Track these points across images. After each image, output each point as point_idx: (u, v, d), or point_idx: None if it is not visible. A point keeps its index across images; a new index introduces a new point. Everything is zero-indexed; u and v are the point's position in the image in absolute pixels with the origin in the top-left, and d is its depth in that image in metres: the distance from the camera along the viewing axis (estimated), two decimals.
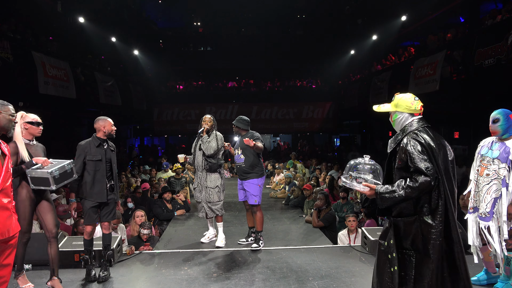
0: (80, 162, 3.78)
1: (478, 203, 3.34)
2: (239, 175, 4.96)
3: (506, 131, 3.24)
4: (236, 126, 4.98)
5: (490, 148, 3.33)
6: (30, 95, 9.26)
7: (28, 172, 3.28)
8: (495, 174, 3.21)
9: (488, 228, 3.24)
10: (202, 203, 5.03)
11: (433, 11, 12.22)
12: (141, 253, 4.65)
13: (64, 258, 4.22)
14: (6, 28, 8.76)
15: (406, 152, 2.38)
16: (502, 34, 7.49)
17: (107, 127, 3.90)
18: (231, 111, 18.43)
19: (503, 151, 3.21)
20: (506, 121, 3.23)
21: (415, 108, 2.56)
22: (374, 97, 13.85)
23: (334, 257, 4.43)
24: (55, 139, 12.74)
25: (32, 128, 3.46)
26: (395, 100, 2.61)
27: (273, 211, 7.33)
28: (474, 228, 3.40)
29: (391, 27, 14.06)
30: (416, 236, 2.37)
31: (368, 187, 2.45)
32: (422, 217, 2.36)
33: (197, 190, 5.08)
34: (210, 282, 3.73)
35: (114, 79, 14.03)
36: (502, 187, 3.17)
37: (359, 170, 2.56)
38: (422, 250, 2.35)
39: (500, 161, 3.20)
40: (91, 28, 12.80)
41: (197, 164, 5.03)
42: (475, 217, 3.38)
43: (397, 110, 2.58)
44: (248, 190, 4.84)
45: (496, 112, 3.30)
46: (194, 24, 21.92)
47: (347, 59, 18.25)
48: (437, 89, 9.69)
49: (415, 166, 2.33)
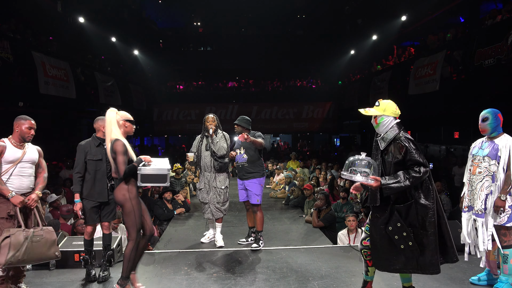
0: (81, 162, 3.78)
1: (472, 202, 3.48)
2: (241, 174, 4.92)
3: (494, 129, 3.41)
4: (239, 125, 4.94)
5: (480, 147, 3.50)
6: (30, 95, 9.26)
7: (141, 170, 3.26)
8: (486, 171, 3.38)
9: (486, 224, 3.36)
10: (209, 204, 4.93)
11: (433, 11, 12.22)
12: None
13: (64, 258, 4.22)
14: (6, 28, 8.76)
15: (402, 149, 2.78)
16: (502, 34, 7.49)
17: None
18: (231, 111, 18.42)
19: (492, 149, 3.38)
20: (495, 120, 3.39)
21: (398, 112, 2.94)
22: (374, 97, 13.84)
23: (334, 257, 4.43)
24: (55, 139, 12.74)
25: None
26: (381, 105, 2.91)
27: (273, 211, 7.33)
28: (467, 226, 3.52)
29: (391, 27, 14.06)
30: (414, 216, 2.78)
31: (374, 179, 2.75)
32: (419, 200, 2.78)
33: (203, 191, 4.97)
34: (210, 282, 3.73)
35: (114, 79, 14.03)
36: (492, 183, 3.34)
37: (357, 166, 2.81)
38: (419, 226, 2.77)
39: (490, 158, 3.37)
40: (91, 28, 12.80)
41: (204, 165, 4.93)
42: (469, 215, 3.50)
43: (384, 114, 2.90)
44: (251, 190, 4.83)
45: (485, 111, 3.45)
46: (194, 24, 21.93)
47: (347, 59, 18.26)
48: (437, 89, 9.69)
49: (415, 160, 2.74)
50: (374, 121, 2.95)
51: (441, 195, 6.94)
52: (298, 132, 20.81)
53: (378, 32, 15.06)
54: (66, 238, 4.56)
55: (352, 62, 18.07)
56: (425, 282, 3.60)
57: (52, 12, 11.88)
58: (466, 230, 3.54)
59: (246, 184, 4.88)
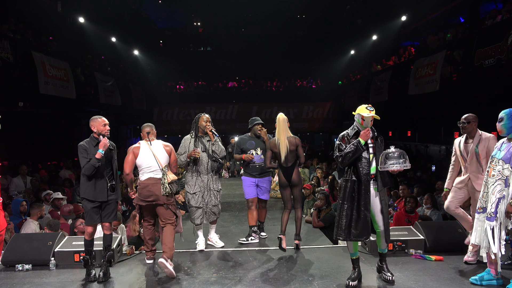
0: (86, 161, 3.75)
1: (486, 204, 3.36)
2: (256, 174, 5.04)
3: (510, 130, 3.28)
4: (263, 125, 5.13)
5: (499, 149, 3.36)
6: (30, 95, 9.26)
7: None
8: (499, 175, 3.25)
9: (493, 228, 3.25)
10: (203, 208, 4.68)
11: (433, 11, 12.21)
12: (141, 253, 4.65)
13: (64, 258, 4.22)
14: (6, 28, 8.76)
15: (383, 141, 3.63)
16: (502, 34, 7.49)
17: (97, 126, 3.86)
18: (231, 111, 18.43)
19: (507, 152, 3.25)
20: (510, 121, 3.27)
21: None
22: (374, 97, 13.84)
23: (334, 257, 4.43)
24: (55, 139, 12.75)
25: None
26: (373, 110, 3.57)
27: (273, 211, 7.32)
28: (479, 228, 3.40)
29: (391, 27, 14.05)
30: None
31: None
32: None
33: (198, 195, 4.66)
34: (210, 282, 3.73)
35: (114, 79, 14.03)
36: (504, 187, 3.21)
37: (391, 158, 3.36)
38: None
39: (504, 162, 3.25)
40: (91, 28, 12.79)
41: (201, 168, 4.66)
42: (483, 217, 3.38)
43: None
44: (265, 187, 5.12)
45: (502, 112, 3.35)
46: (194, 24, 21.94)
47: (347, 59, 18.25)
48: (437, 89, 9.69)
49: None
50: (371, 122, 3.52)
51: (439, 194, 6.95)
52: (298, 132, 20.80)
53: (378, 32, 15.05)
54: (66, 238, 4.56)
55: (352, 62, 18.06)
56: (425, 282, 3.60)
57: (52, 12, 11.88)
58: (477, 231, 3.41)
59: (260, 182, 5.08)
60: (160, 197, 3.97)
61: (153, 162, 4.02)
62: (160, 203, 4.00)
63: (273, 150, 4.66)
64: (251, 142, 5.06)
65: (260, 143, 5.05)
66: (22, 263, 4.11)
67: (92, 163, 3.68)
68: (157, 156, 4.05)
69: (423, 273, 3.82)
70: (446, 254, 4.20)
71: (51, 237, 4.40)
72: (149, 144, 4.10)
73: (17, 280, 3.83)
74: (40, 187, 7.49)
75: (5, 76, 8.23)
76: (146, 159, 4.03)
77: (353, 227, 3.42)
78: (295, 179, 4.67)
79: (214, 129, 4.82)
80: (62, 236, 4.50)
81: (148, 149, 4.07)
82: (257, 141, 5.08)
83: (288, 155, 4.58)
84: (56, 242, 4.29)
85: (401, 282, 3.60)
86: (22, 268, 4.09)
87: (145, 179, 4.01)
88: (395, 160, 3.32)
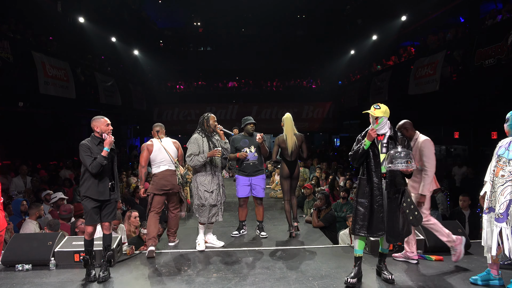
0: (91, 159, 3.73)
1: (493, 204, 3.27)
2: (249, 172, 5.18)
3: None
4: (255, 124, 5.26)
5: (507, 149, 3.25)
6: (30, 95, 9.26)
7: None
8: (510, 176, 3.15)
9: (501, 230, 3.17)
10: (218, 206, 4.73)
11: (433, 11, 12.22)
12: (141, 253, 4.64)
13: (64, 258, 4.22)
14: (6, 28, 8.76)
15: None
16: (502, 34, 7.49)
17: (100, 126, 3.87)
18: (231, 111, 18.43)
19: None
20: None
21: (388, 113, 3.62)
22: (374, 97, 13.85)
23: (334, 257, 4.43)
24: (55, 139, 12.75)
25: None
26: (382, 108, 3.56)
27: (273, 211, 7.32)
28: (488, 228, 3.33)
29: (391, 27, 14.05)
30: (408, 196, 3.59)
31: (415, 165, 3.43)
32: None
33: (215, 192, 4.69)
34: (210, 282, 3.73)
35: (114, 79, 14.04)
36: None
37: (397, 157, 3.36)
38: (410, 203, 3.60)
39: None
40: (91, 28, 12.80)
41: (215, 165, 4.74)
42: (490, 217, 3.31)
43: (384, 116, 3.55)
44: (259, 185, 5.23)
45: (509, 113, 3.27)
46: (194, 24, 21.93)
47: (347, 59, 18.25)
48: (437, 89, 9.69)
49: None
50: (375, 120, 3.52)
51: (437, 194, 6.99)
52: (298, 132, 20.78)
53: (378, 32, 15.06)
54: (66, 238, 4.56)
55: (352, 62, 18.06)
56: (425, 282, 3.60)
57: (52, 12, 11.88)
58: (486, 233, 3.33)
59: (254, 180, 5.20)
60: (176, 186, 4.68)
61: (166, 156, 4.67)
62: (175, 191, 4.71)
63: (281, 146, 5.16)
64: (245, 140, 5.23)
65: (253, 141, 5.19)
66: (22, 263, 4.11)
67: (99, 161, 3.72)
68: (169, 151, 4.70)
69: (423, 273, 3.82)
70: (446, 254, 4.20)
71: (51, 237, 4.40)
72: (160, 141, 4.74)
73: (17, 280, 3.83)
74: (40, 187, 7.49)
75: (5, 76, 8.23)
76: (160, 154, 4.67)
77: (367, 223, 3.53)
78: (296, 173, 5.24)
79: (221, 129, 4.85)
80: (62, 236, 4.50)
81: (160, 145, 4.71)
82: (250, 140, 5.22)
83: (294, 150, 5.11)
84: (56, 242, 4.29)
85: (401, 282, 3.60)
86: (22, 268, 4.09)
87: (163, 171, 4.64)
88: (401, 160, 3.34)
